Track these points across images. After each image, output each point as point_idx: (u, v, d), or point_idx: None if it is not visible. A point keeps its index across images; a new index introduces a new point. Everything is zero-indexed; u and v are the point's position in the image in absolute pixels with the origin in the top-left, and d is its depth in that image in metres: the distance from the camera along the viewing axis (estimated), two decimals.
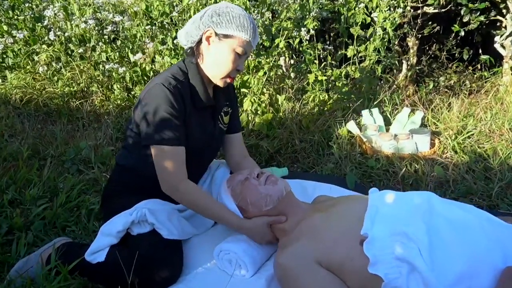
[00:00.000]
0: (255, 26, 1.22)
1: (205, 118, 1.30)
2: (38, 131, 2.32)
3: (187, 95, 1.21)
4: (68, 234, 1.40)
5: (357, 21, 2.29)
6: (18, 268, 1.18)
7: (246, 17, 1.19)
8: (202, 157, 1.36)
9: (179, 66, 1.26)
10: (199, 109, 1.26)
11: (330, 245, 1.00)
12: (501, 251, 0.91)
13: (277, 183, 1.20)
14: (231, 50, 1.18)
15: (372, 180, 1.76)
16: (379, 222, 0.99)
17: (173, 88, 1.16)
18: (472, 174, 1.72)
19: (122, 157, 1.33)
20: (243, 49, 1.19)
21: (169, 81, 1.16)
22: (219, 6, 1.21)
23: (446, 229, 0.95)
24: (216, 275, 1.18)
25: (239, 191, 1.20)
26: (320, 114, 2.28)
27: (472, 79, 3.32)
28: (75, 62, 2.77)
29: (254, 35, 1.21)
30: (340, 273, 0.97)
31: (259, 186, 1.18)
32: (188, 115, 1.21)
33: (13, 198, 1.57)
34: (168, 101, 1.14)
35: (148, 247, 1.13)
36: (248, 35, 1.18)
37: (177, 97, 1.16)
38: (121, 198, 1.26)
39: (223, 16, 1.17)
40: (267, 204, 1.17)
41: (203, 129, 1.29)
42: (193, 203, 1.19)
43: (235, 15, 1.17)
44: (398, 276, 0.90)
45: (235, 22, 1.16)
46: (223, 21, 1.16)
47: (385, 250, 0.93)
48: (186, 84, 1.22)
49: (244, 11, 1.21)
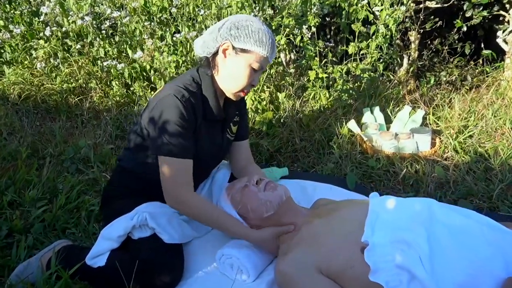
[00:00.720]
0: (274, 41, 1.20)
1: (214, 130, 1.30)
2: (37, 129, 2.31)
3: (199, 107, 1.20)
4: (68, 236, 1.40)
5: (359, 17, 2.26)
6: (19, 273, 1.18)
7: (266, 32, 1.16)
8: (207, 166, 1.37)
9: (192, 75, 1.24)
10: (210, 121, 1.25)
11: (331, 252, 1.00)
12: (502, 259, 0.91)
13: (277, 189, 1.20)
14: (247, 65, 1.17)
15: (372, 180, 1.75)
16: (379, 229, 0.99)
17: (186, 101, 1.14)
18: (473, 175, 1.71)
19: (125, 159, 1.32)
20: (260, 65, 1.18)
21: (183, 93, 1.15)
22: (238, 18, 1.18)
23: (447, 237, 0.95)
24: (217, 279, 1.19)
25: (239, 198, 1.19)
26: (321, 112, 2.26)
27: (474, 74, 3.30)
28: (73, 57, 2.74)
29: (272, 51, 1.19)
30: (340, 281, 0.97)
31: (258, 192, 1.17)
32: (198, 127, 1.20)
33: (12, 199, 1.56)
34: (179, 114, 1.13)
35: (149, 252, 1.13)
36: (266, 50, 1.16)
37: (189, 110, 1.15)
38: (121, 199, 1.26)
39: (242, 29, 1.15)
40: (268, 210, 1.16)
41: (211, 141, 1.29)
42: (199, 216, 1.19)
43: (254, 30, 1.14)
44: (398, 284, 0.90)
45: (253, 37, 1.14)
46: (241, 34, 1.14)
47: (386, 257, 0.93)
48: (199, 96, 1.21)
49: (264, 25, 1.19)
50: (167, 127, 1.13)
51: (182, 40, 2.43)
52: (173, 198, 1.16)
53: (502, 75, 3.02)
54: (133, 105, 2.57)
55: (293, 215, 1.19)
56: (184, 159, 1.15)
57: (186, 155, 1.15)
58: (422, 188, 1.65)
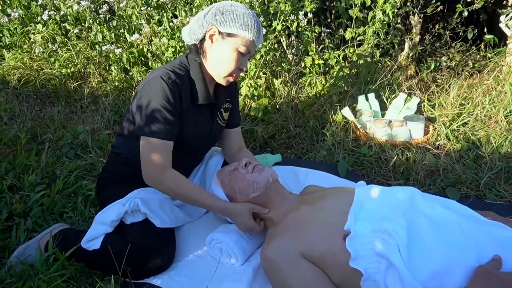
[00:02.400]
0: (260, 25, 1.21)
1: (203, 115, 1.31)
2: (36, 114, 2.35)
3: (186, 90, 1.21)
4: (65, 220, 1.46)
5: (356, 2, 2.24)
6: (18, 254, 1.23)
7: (251, 15, 1.18)
8: (197, 152, 1.40)
9: (181, 60, 1.26)
10: (198, 106, 1.27)
11: (314, 239, 1.04)
12: (475, 250, 0.94)
13: (264, 171, 1.25)
14: (234, 49, 1.18)
15: (364, 167, 1.78)
16: (362, 219, 1.03)
17: (172, 82, 1.16)
18: (463, 163, 1.73)
19: (118, 145, 1.35)
20: (247, 48, 1.19)
21: (169, 75, 1.17)
22: (223, 4, 1.19)
23: (426, 228, 0.98)
24: (207, 263, 1.24)
25: (227, 181, 1.25)
26: (316, 99, 2.27)
27: (475, 59, 3.26)
28: (71, 42, 2.75)
29: (258, 35, 1.20)
30: (322, 266, 1.02)
31: (246, 174, 1.23)
32: (185, 111, 1.22)
33: (12, 184, 1.61)
34: (164, 95, 1.15)
35: (141, 236, 1.18)
36: (252, 34, 1.17)
37: (175, 92, 1.17)
38: (114, 186, 1.30)
39: (226, 14, 1.16)
40: (254, 190, 1.22)
41: (200, 126, 1.31)
42: (176, 192, 1.20)
43: (239, 14, 1.16)
44: (377, 271, 0.94)
45: (238, 21, 1.16)
46: (226, 19, 1.16)
47: (366, 246, 0.97)
48: (187, 79, 1.23)
49: (248, 9, 1.21)
50: (151, 107, 1.15)
51: (179, 26, 2.43)
52: (150, 177, 1.19)
53: (504, 61, 2.99)
54: (131, 90, 2.59)
55: (280, 199, 1.23)
56: (164, 140, 1.16)
57: (166, 137, 1.17)
58: (412, 175, 1.68)
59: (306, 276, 0.99)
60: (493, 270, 0.88)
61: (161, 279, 1.16)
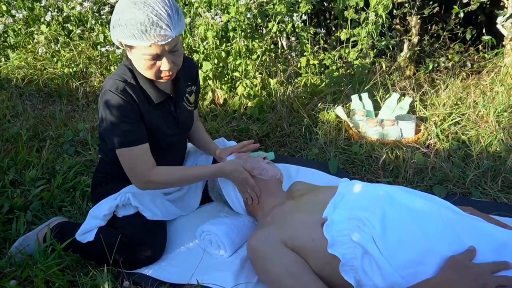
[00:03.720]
0: (162, 18, 1.04)
1: (166, 111, 1.30)
2: (39, 112, 2.42)
3: (138, 94, 1.19)
4: (64, 214, 1.52)
5: (350, 4, 2.28)
6: (18, 245, 1.30)
7: (140, 16, 1.03)
8: (174, 144, 1.40)
9: (125, 65, 1.22)
10: (156, 104, 1.25)
11: (294, 228, 1.09)
12: (454, 240, 0.98)
13: (275, 167, 1.41)
14: (140, 57, 1.11)
15: (354, 165, 1.82)
16: (341, 208, 1.08)
17: (121, 92, 1.15)
18: (452, 161, 1.77)
19: (101, 147, 1.39)
20: (151, 55, 1.09)
21: (117, 85, 1.15)
22: (119, 8, 1.08)
23: (403, 217, 1.02)
24: (197, 254, 1.29)
25: (243, 158, 1.40)
26: (311, 98, 2.32)
27: (474, 60, 3.29)
28: (73, 42, 2.82)
29: (160, 31, 1.05)
30: (303, 253, 1.06)
31: (261, 162, 1.39)
32: (145, 113, 1.21)
33: (13, 178, 1.68)
34: (119, 106, 1.14)
35: (132, 228, 1.23)
36: (148, 38, 1.05)
37: (128, 99, 1.16)
38: (107, 184, 1.36)
39: (122, 26, 1.06)
40: (261, 173, 1.34)
41: (167, 122, 1.30)
42: (168, 182, 1.25)
43: (127, 22, 1.04)
44: (353, 256, 0.98)
45: (127, 31, 1.06)
46: (123, 31, 1.07)
47: (342, 232, 1.01)
48: (135, 84, 1.20)
49: (137, 3, 1.04)
50: (111, 122, 1.16)
51: None
52: (140, 182, 1.21)
53: (502, 62, 3.01)
54: None
55: (275, 193, 1.34)
56: (137, 145, 1.17)
57: (138, 142, 1.18)
58: (401, 173, 1.72)
59: (287, 263, 1.04)
60: (464, 261, 0.91)
61: (152, 269, 1.21)
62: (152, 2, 1.05)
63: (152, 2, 1.05)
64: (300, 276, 1.02)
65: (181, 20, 1.10)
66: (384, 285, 0.94)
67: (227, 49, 2.28)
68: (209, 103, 2.35)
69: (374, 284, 0.95)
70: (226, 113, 2.26)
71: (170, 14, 1.06)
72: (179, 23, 1.10)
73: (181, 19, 1.11)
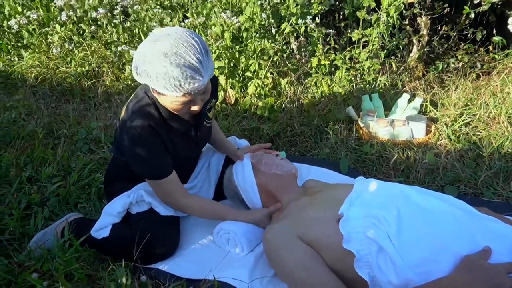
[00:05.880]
0: (194, 69, 1.01)
1: (186, 136, 1.31)
2: (52, 110, 2.46)
3: (161, 127, 1.20)
4: (80, 210, 1.55)
5: (364, 5, 2.29)
6: (37, 240, 1.33)
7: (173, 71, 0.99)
8: (191, 161, 1.48)
9: (146, 93, 1.20)
10: (178, 131, 1.27)
11: (310, 223, 1.11)
12: (469, 239, 0.99)
13: (290, 163, 1.46)
14: (171, 102, 1.11)
15: (365, 165, 1.83)
16: (357, 205, 1.09)
17: (147, 128, 1.15)
18: (463, 162, 1.77)
19: (116, 148, 1.40)
20: (183, 102, 1.10)
21: (141, 123, 1.15)
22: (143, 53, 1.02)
23: (418, 216, 1.03)
24: (212, 251, 1.31)
25: (259, 156, 1.46)
26: (322, 98, 2.33)
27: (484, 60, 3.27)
28: (86, 41, 2.86)
29: (194, 84, 1.03)
30: (317, 248, 1.08)
31: (276, 158, 1.46)
32: (168, 143, 1.24)
33: (30, 175, 1.71)
34: (144, 142, 1.17)
35: (145, 224, 1.26)
36: (180, 92, 1.04)
37: (152, 133, 1.17)
38: (121, 182, 1.38)
39: (147, 76, 1.04)
40: (277, 169, 1.38)
41: (188, 146, 1.34)
42: (201, 214, 1.34)
43: (158, 75, 1.01)
44: (368, 252, 1.00)
45: (159, 84, 1.03)
46: (152, 82, 1.05)
47: (358, 229, 1.03)
48: (158, 117, 1.19)
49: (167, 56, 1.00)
50: (139, 156, 1.19)
51: (190, 27, 2.51)
52: (173, 206, 1.31)
53: None
54: None
55: (290, 188, 1.37)
56: (166, 177, 1.23)
57: (167, 173, 1.23)
58: (412, 173, 1.73)
59: (301, 256, 1.05)
60: (479, 261, 0.92)
61: (168, 265, 1.24)
62: (183, 52, 1.00)
63: (183, 51, 1.00)
64: (314, 270, 1.04)
65: (210, 61, 1.07)
66: (398, 283, 0.95)
67: (241, 49, 2.29)
68: (221, 102, 2.37)
69: (389, 281, 0.96)
70: (237, 112, 2.28)
71: (201, 60, 1.03)
72: (209, 64, 1.06)
73: (210, 59, 1.07)
